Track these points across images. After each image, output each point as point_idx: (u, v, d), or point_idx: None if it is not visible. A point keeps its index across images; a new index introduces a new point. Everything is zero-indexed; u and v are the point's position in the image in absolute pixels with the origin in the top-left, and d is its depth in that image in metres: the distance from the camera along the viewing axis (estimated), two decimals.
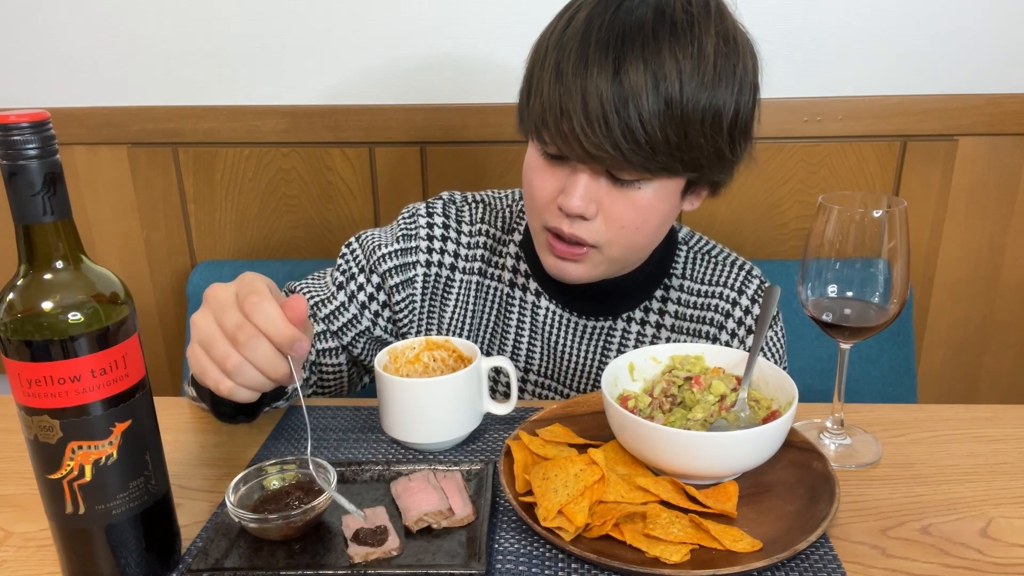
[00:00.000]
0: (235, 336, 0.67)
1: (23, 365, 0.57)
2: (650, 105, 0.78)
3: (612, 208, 0.87)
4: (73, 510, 0.60)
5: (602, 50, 0.79)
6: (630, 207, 0.87)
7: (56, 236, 0.57)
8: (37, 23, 1.49)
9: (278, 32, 1.46)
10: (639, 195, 0.87)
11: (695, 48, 0.79)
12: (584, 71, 0.80)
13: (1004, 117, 1.42)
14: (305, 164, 1.53)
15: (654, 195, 0.87)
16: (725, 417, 0.77)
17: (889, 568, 0.66)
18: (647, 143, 0.80)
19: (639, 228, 0.89)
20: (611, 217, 0.87)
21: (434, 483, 0.74)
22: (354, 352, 1.08)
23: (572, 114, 0.80)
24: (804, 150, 1.46)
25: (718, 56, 0.81)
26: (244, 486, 0.71)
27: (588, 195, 0.86)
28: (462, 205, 1.10)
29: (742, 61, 0.84)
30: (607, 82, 0.79)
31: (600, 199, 0.87)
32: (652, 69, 0.78)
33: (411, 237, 1.06)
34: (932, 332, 1.58)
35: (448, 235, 1.07)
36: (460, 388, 0.83)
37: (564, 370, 1.06)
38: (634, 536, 0.66)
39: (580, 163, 0.85)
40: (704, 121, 0.81)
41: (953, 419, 0.90)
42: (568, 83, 0.81)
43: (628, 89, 0.78)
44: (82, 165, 1.56)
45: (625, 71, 0.78)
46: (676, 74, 0.79)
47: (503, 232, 1.08)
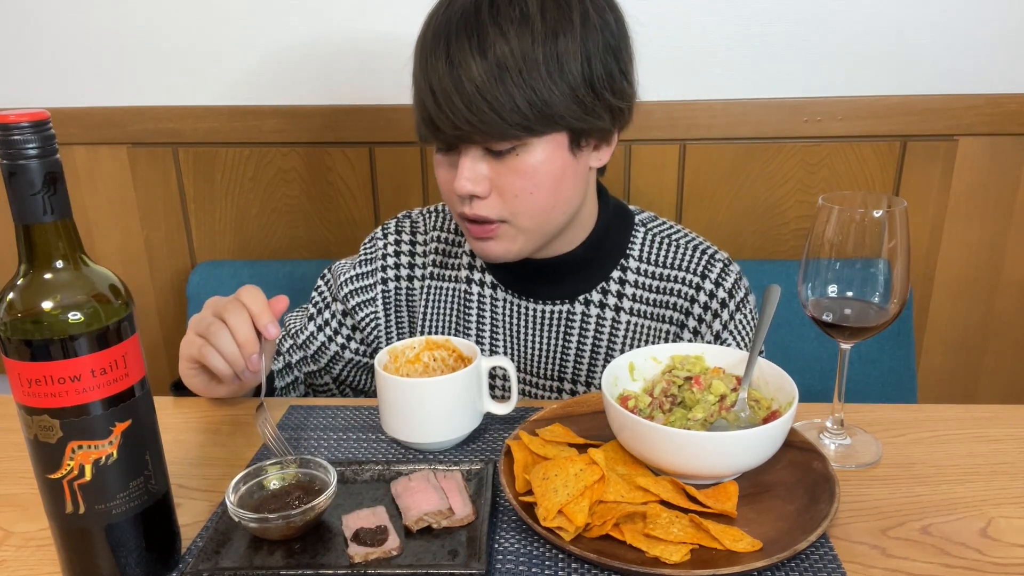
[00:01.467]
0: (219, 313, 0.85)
1: (23, 365, 0.57)
2: (481, 73, 0.84)
3: (500, 180, 0.91)
4: (73, 510, 0.60)
5: (436, 41, 0.86)
6: (516, 175, 0.90)
7: (56, 236, 0.57)
8: (37, 23, 1.49)
9: (278, 32, 1.46)
10: (520, 161, 0.90)
11: (516, 12, 0.84)
12: (426, 64, 0.87)
13: (1004, 117, 1.42)
14: (305, 164, 1.53)
15: (536, 158, 0.90)
16: (725, 417, 0.77)
17: (889, 568, 0.66)
18: (491, 109, 0.84)
19: (534, 192, 0.91)
20: (502, 189, 0.91)
21: (434, 483, 0.74)
22: (334, 373, 1.15)
23: (427, 103, 0.87)
24: (804, 150, 1.46)
25: (545, 11, 0.85)
26: (244, 486, 0.71)
27: (473, 175, 0.90)
28: (417, 218, 1.15)
29: (579, 11, 0.87)
30: (443, 67, 0.85)
31: (488, 176, 0.91)
32: (477, 42, 0.84)
33: (370, 261, 1.12)
34: (932, 332, 1.58)
35: (401, 249, 1.12)
36: (460, 388, 0.83)
37: (528, 359, 1.07)
38: (634, 536, 0.66)
39: (457, 145, 0.90)
40: (549, 73, 0.85)
41: (953, 419, 0.90)
42: (419, 80, 0.89)
43: (459, 65, 0.84)
44: (82, 165, 1.56)
45: (454, 51, 0.85)
46: (502, 39, 0.84)
47: (457, 234, 1.12)
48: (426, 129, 0.90)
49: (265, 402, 0.84)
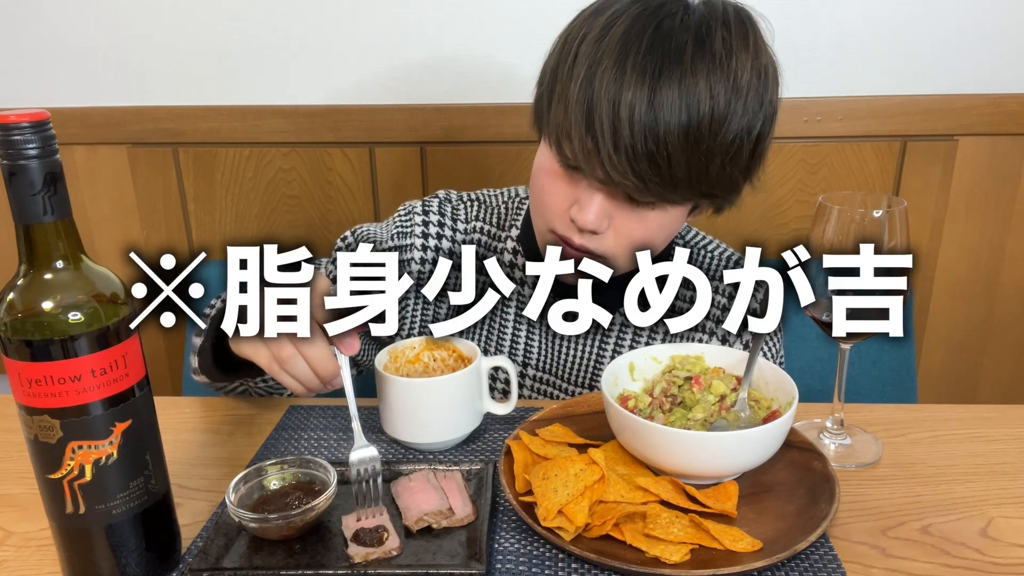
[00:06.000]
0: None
1: (23, 365, 0.57)
2: (678, 137, 0.77)
3: (623, 225, 0.86)
4: (73, 510, 0.60)
5: (639, 73, 0.77)
6: (642, 225, 0.87)
7: (56, 236, 0.57)
8: (37, 23, 1.49)
9: (278, 32, 1.46)
10: (652, 215, 0.86)
11: (731, 82, 0.78)
12: (619, 91, 0.77)
13: (1004, 117, 1.42)
14: (305, 164, 1.53)
15: (666, 215, 0.87)
16: (725, 417, 0.77)
17: (889, 568, 0.66)
18: (670, 176, 0.79)
19: (648, 244, 0.88)
20: (621, 233, 0.87)
21: (434, 483, 0.74)
22: None
23: (600, 136, 0.78)
24: (804, 150, 1.46)
25: (750, 90, 0.80)
26: (244, 486, 0.71)
27: (603, 212, 0.85)
28: (457, 204, 1.11)
29: (770, 93, 0.83)
30: (641, 107, 0.77)
31: (613, 214, 0.86)
32: (686, 99, 0.77)
33: (406, 235, 1.07)
34: (932, 332, 1.58)
35: (443, 233, 1.08)
36: (460, 388, 0.83)
37: (563, 364, 1.06)
38: (634, 536, 0.66)
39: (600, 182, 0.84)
40: (727, 152, 0.80)
41: (953, 419, 0.90)
42: (599, 99, 0.78)
43: (661, 118, 0.77)
44: (82, 165, 1.56)
45: (660, 98, 0.77)
46: (709, 105, 0.77)
47: (499, 228, 1.09)
48: (581, 156, 0.81)
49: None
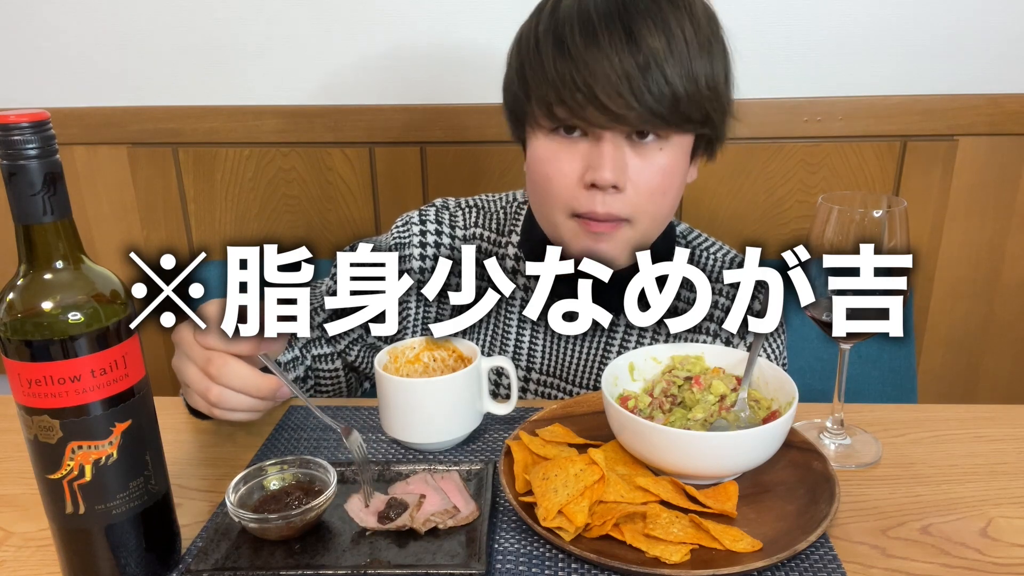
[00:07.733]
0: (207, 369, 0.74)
1: (23, 365, 0.57)
2: (670, 66, 0.82)
3: (639, 176, 0.88)
4: (73, 510, 0.60)
5: (609, 21, 0.82)
6: (655, 172, 0.88)
7: (56, 236, 0.57)
8: (37, 23, 1.49)
9: (278, 32, 1.46)
10: (660, 157, 0.88)
11: (689, 14, 0.84)
12: (595, 42, 0.82)
13: (1004, 117, 1.42)
14: (305, 164, 1.53)
15: (673, 157, 0.89)
16: (725, 417, 0.77)
17: (889, 568, 0.66)
18: (671, 98, 0.83)
19: (665, 192, 0.90)
20: (639, 185, 0.88)
21: (432, 484, 0.74)
22: (349, 358, 1.09)
23: (591, 84, 0.82)
24: (804, 150, 1.46)
25: (708, 22, 0.87)
26: (244, 486, 0.71)
27: (617, 164, 0.86)
28: (455, 210, 1.11)
29: (720, 28, 0.89)
30: (623, 49, 0.81)
31: (626, 168, 0.87)
32: (663, 33, 0.82)
33: (405, 245, 1.08)
34: (932, 332, 1.58)
35: (441, 241, 1.08)
36: (460, 388, 0.83)
37: (567, 367, 1.06)
38: (634, 536, 0.66)
39: (603, 129, 0.85)
40: (709, 76, 0.85)
41: (953, 419, 0.90)
42: (577, 57, 0.82)
43: (647, 52, 0.81)
44: (82, 165, 1.56)
45: (640, 37, 0.81)
46: (682, 37, 0.83)
47: (498, 234, 1.09)
48: (577, 109, 0.84)
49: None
